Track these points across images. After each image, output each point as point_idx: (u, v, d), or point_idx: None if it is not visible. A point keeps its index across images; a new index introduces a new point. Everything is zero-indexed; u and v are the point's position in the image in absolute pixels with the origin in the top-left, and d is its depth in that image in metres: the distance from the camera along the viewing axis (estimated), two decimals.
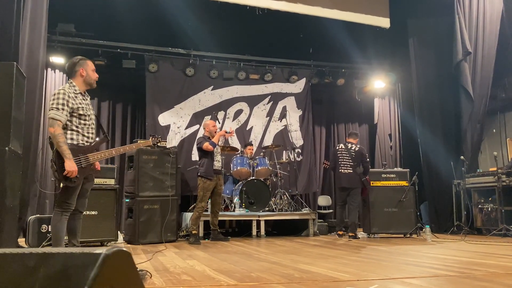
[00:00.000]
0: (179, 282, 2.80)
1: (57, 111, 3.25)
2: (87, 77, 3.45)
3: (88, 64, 3.49)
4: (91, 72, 3.48)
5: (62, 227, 3.36)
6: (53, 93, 3.37)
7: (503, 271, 3.12)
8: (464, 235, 6.35)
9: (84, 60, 3.49)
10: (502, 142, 9.11)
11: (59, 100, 3.27)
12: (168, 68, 8.61)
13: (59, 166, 3.21)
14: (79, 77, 3.43)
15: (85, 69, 3.44)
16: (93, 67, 3.52)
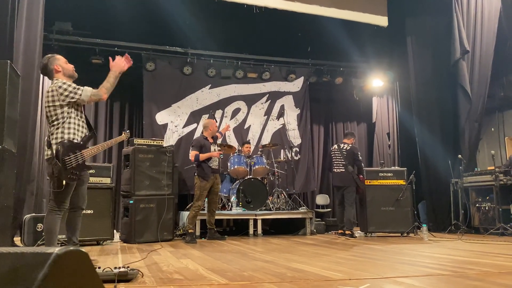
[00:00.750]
0: (170, 281, 2.79)
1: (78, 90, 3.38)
2: (64, 70, 3.50)
3: (59, 58, 3.52)
4: (65, 65, 3.52)
5: (57, 226, 3.38)
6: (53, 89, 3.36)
7: (496, 270, 3.11)
8: (461, 234, 6.33)
9: (53, 56, 3.53)
10: (501, 141, 9.09)
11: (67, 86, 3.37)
12: (165, 66, 8.60)
13: (64, 162, 3.23)
14: (56, 73, 3.47)
15: (58, 64, 3.48)
16: (64, 59, 3.56)
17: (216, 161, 6.32)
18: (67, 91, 3.36)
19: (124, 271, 2.75)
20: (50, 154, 3.35)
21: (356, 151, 6.93)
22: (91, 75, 8.49)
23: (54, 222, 3.36)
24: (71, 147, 3.31)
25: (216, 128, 6.36)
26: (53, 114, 3.39)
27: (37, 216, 5.60)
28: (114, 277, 2.67)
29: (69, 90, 3.36)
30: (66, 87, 3.36)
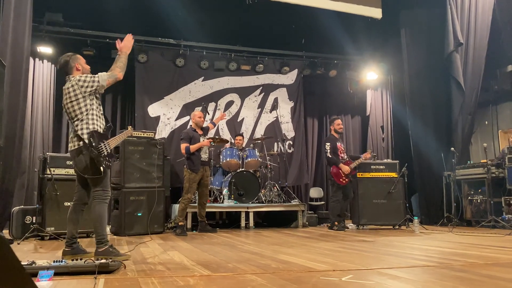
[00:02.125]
0: (152, 273, 2.76)
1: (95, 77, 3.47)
2: (83, 70, 3.62)
3: (80, 57, 3.68)
4: (84, 65, 3.66)
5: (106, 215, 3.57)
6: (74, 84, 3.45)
7: (482, 262, 3.09)
8: (452, 227, 6.33)
9: (75, 55, 3.66)
10: (494, 134, 9.08)
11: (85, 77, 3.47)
12: (157, 58, 8.53)
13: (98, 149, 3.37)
14: (76, 71, 3.58)
15: (79, 63, 3.62)
16: (84, 60, 3.70)
17: (206, 153, 6.29)
18: (86, 81, 3.46)
19: (105, 262, 2.72)
20: (79, 144, 3.42)
21: (323, 145, 6.95)
22: None
23: (105, 212, 3.54)
24: (100, 137, 3.45)
25: (199, 119, 6.26)
26: (76, 109, 3.45)
27: (26, 209, 5.57)
28: (95, 268, 2.64)
29: (88, 81, 3.46)
30: (84, 79, 3.47)
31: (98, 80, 3.48)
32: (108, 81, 3.51)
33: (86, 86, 3.45)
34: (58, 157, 5.63)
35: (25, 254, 3.87)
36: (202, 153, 6.17)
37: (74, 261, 2.75)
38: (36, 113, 7.72)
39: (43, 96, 7.85)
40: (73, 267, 2.67)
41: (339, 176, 6.55)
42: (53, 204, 5.32)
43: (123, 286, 2.31)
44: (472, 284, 2.26)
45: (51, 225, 5.26)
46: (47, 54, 7.92)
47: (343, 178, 6.55)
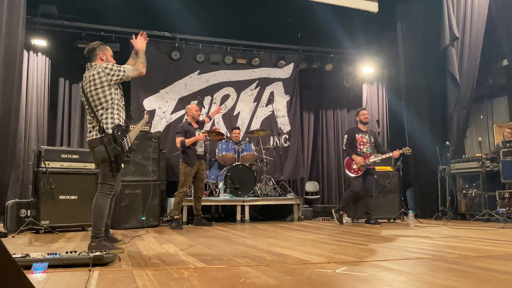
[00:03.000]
0: (146, 266, 2.76)
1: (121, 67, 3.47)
2: (106, 61, 3.60)
3: (108, 49, 3.67)
4: (110, 57, 3.65)
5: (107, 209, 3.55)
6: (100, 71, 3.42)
7: (475, 254, 3.11)
8: (446, 220, 6.37)
9: (103, 45, 3.66)
10: (489, 128, 9.12)
11: (114, 65, 3.47)
12: (153, 51, 8.47)
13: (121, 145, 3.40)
14: (99, 60, 3.58)
15: (104, 53, 3.61)
16: (111, 53, 3.70)
17: (201, 146, 6.27)
18: (113, 70, 3.45)
19: (99, 255, 2.71)
20: (98, 136, 3.39)
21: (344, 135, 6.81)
22: (77, 60, 8.37)
23: (107, 205, 3.49)
24: (122, 132, 3.44)
25: (196, 113, 6.24)
26: (101, 97, 3.41)
27: (21, 202, 5.54)
28: (89, 261, 2.64)
29: (114, 69, 3.46)
30: (111, 67, 3.47)
31: (124, 70, 3.49)
32: (134, 73, 3.53)
33: (112, 74, 3.43)
34: (53, 150, 5.60)
35: (20, 247, 3.86)
36: (198, 147, 6.16)
37: (68, 253, 2.74)
38: (31, 106, 7.67)
39: (37, 89, 7.80)
40: (67, 260, 2.67)
41: (350, 167, 6.38)
42: (48, 197, 5.30)
43: (117, 279, 2.31)
44: (465, 276, 2.28)
45: (46, 218, 5.24)
46: (41, 46, 7.86)
47: (355, 170, 6.33)
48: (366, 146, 6.45)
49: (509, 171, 6.40)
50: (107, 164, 3.42)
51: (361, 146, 6.44)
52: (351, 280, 2.23)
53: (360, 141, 6.45)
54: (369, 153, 6.41)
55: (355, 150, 6.40)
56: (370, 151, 6.43)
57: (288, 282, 2.18)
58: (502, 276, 2.28)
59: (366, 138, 6.49)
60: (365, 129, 6.55)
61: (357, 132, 6.50)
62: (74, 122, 8.36)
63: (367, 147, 6.44)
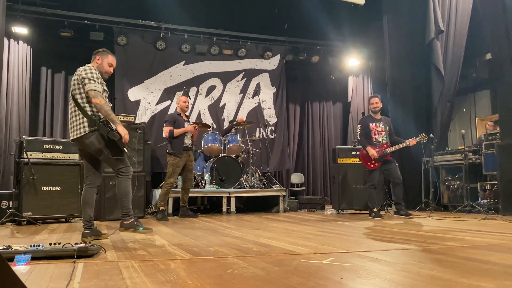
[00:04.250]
0: (132, 257, 2.73)
1: (94, 82, 3.47)
2: (99, 66, 3.68)
3: (108, 57, 3.74)
4: (105, 64, 3.71)
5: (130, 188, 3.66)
6: (80, 69, 3.54)
7: (459, 245, 3.16)
8: (430, 212, 6.46)
9: (106, 52, 3.77)
10: (472, 121, 9.26)
11: (92, 74, 3.50)
12: (138, 41, 8.36)
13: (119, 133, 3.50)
14: (95, 63, 3.69)
15: (101, 58, 3.70)
16: (111, 62, 3.76)
17: (189, 138, 6.21)
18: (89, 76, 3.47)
19: (84, 246, 2.67)
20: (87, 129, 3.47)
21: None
22: (60, 49, 8.25)
23: (130, 187, 3.62)
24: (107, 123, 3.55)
25: (183, 104, 6.20)
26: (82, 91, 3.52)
27: (2, 193, 5.45)
28: (74, 252, 2.60)
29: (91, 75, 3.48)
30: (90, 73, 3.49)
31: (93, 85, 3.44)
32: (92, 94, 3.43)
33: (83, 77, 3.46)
34: (35, 141, 5.49)
35: (1, 239, 3.79)
36: (186, 138, 6.09)
37: (52, 245, 2.69)
38: (12, 95, 7.50)
39: (18, 78, 7.62)
40: (51, 252, 2.62)
41: (366, 160, 6.06)
42: (30, 188, 5.20)
43: (102, 270, 2.28)
44: (450, 266, 2.31)
45: (28, 210, 5.15)
46: (22, 34, 7.67)
47: (372, 162, 6.01)
48: (382, 135, 6.10)
49: (491, 163, 6.52)
50: (106, 152, 3.48)
51: (375, 135, 6.09)
52: (338, 270, 2.24)
53: (375, 130, 6.11)
54: (385, 142, 6.07)
55: (370, 140, 6.04)
56: (386, 140, 6.10)
57: (275, 272, 2.17)
58: (485, 265, 2.32)
59: (380, 126, 6.13)
60: (379, 117, 6.19)
61: (371, 121, 6.16)
62: (57, 113, 8.21)
63: (382, 135, 6.09)
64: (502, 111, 6.36)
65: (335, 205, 7.05)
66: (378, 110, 6.19)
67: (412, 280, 1.98)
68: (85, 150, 3.61)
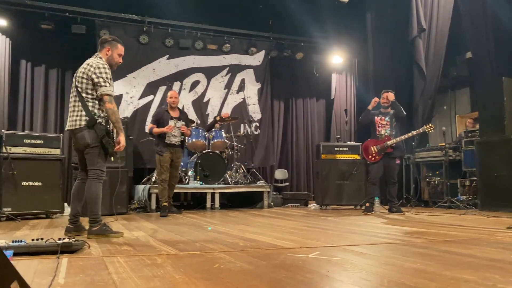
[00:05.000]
0: (117, 252, 2.70)
1: (110, 86, 3.44)
2: (110, 57, 3.60)
3: (118, 47, 3.66)
4: (116, 55, 3.65)
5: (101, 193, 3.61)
6: (92, 64, 3.45)
7: (440, 239, 3.23)
8: (411, 207, 6.57)
9: (116, 41, 3.67)
10: (452, 118, 9.44)
11: (107, 74, 3.45)
12: (120, 35, 8.13)
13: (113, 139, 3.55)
14: (104, 54, 3.60)
15: (111, 49, 3.61)
16: (121, 52, 3.69)
17: (176, 136, 5.92)
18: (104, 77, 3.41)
19: (68, 242, 2.63)
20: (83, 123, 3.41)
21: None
22: (41, 42, 8.07)
23: (100, 190, 3.55)
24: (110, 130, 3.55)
25: (169, 100, 5.99)
26: (90, 88, 3.45)
27: None
28: (57, 248, 2.56)
29: (106, 77, 3.43)
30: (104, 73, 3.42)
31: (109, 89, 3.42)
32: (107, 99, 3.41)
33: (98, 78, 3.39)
34: (15, 135, 5.38)
35: None
36: (171, 136, 5.88)
37: (34, 241, 2.65)
38: None
39: None
40: (33, 247, 2.57)
41: (367, 152, 6.05)
42: (9, 184, 5.09)
43: (88, 266, 2.25)
44: (433, 260, 2.35)
45: (7, 205, 5.04)
46: (1, 26, 7.50)
47: (373, 155, 5.99)
48: (385, 128, 6.04)
49: (470, 160, 6.67)
50: (92, 150, 3.45)
51: (379, 128, 6.05)
52: (324, 264, 2.26)
53: (379, 123, 6.06)
54: (388, 135, 6.00)
55: (374, 134, 6.06)
56: (389, 133, 6.02)
57: (263, 267, 2.18)
58: (467, 259, 2.38)
59: (386, 120, 6.07)
60: (387, 111, 6.11)
61: (377, 114, 6.12)
62: (37, 106, 8.05)
63: (386, 129, 6.03)
64: (481, 109, 6.50)
65: (318, 201, 7.11)
66: (387, 106, 6.13)
67: (396, 273, 2.02)
68: (77, 143, 3.55)
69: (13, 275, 0.94)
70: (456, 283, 1.79)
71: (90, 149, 3.46)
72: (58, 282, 1.88)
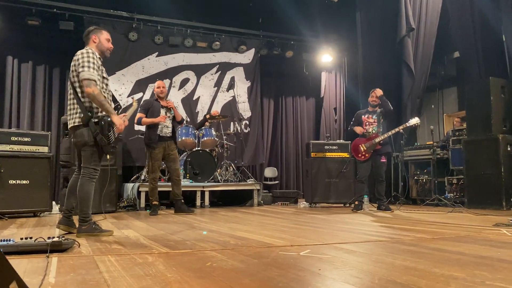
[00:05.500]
0: (108, 251, 2.69)
1: (89, 69, 3.30)
2: (99, 44, 3.54)
3: (103, 32, 3.60)
4: (104, 40, 3.58)
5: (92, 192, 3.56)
6: (77, 54, 3.39)
7: (429, 236, 3.27)
8: (399, 205, 6.64)
9: (98, 29, 3.62)
10: (440, 117, 9.54)
11: (89, 58, 3.34)
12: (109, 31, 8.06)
13: (108, 137, 3.40)
14: (92, 43, 3.52)
15: (97, 36, 3.54)
16: (108, 37, 3.63)
17: (168, 128, 5.70)
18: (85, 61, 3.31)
19: (57, 241, 2.60)
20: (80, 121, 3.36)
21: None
22: (28, 38, 7.96)
23: (92, 189, 3.51)
24: (110, 123, 3.38)
25: (157, 90, 5.71)
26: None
27: None
28: (47, 247, 2.53)
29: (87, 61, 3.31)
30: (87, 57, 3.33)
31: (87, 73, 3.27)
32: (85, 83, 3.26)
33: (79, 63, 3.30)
34: (1, 133, 5.31)
35: None
36: (163, 127, 5.63)
37: (23, 240, 2.62)
38: None
39: None
40: (22, 246, 2.54)
41: (356, 151, 6.09)
42: None
43: (78, 265, 2.23)
44: (422, 257, 2.38)
45: None
46: None
47: (362, 153, 6.01)
48: (373, 126, 6.07)
49: (457, 158, 6.75)
50: (89, 148, 3.40)
51: (366, 126, 6.10)
52: (316, 262, 2.28)
53: (366, 122, 6.11)
54: (375, 132, 6.03)
55: (362, 133, 6.09)
56: (377, 130, 6.04)
57: (255, 265, 2.19)
58: (455, 256, 2.41)
59: (373, 118, 6.10)
60: (375, 109, 6.14)
61: (364, 113, 6.19)
62: (24, 104, 7.94)
63: (373, 126, 6.06)
64: (469, 108, 6.59)
65: (308, 199, 7.14)
66: (375, 104, 6.14)
67: (387, 270, 2.04)
68: (76, 140, 3.51)
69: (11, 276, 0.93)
70: (445, 280, 1.82)
71: (87, 147, 3.42)
72: (49, 282, 1.86)
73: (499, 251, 2.56)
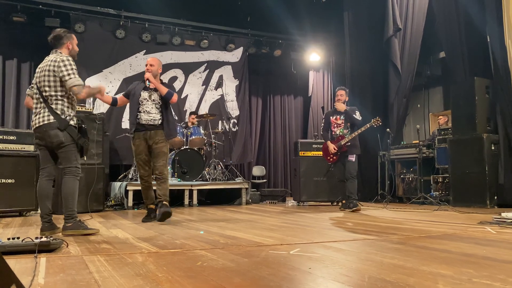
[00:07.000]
0: (97, 251, 2.67)
1: (75, 75, 3.40)
2: (72, 50, 3.62)
3: (74, 38, 3.67)
4: (75, 46, 3.66)
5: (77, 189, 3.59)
6: (57, 61, 3.41)
7: (416, 235, 3.32)
8: (386, 203, 6.72)
9: (70, 33, 3.65)
10: (425, 116, 9.66)
11: (72, 66, 3.42)
12: (96, 29, 8.07)
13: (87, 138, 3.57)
14: (65, 49, 3.57)
15: (71, 42, 3.60)
16: (76, 41, 3.70)
17: (150, 114, 4.44)
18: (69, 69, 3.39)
19: (46, 241, 2.58)
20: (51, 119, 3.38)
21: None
22: (13, 35, 7.83)
23: (76, 187, 3.55)
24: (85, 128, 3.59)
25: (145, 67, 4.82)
26: (58, 85, 3.42)
27: None
28: (35, 247, 2.50)
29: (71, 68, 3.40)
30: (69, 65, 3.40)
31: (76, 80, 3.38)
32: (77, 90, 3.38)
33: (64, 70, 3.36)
34: None
35: None
36: (144, 113, 4.44)
37: (10, 240, 2.59)
38: None
39: None
40: (10, 247, 2.51)
41: (326, 154, 6.09)
42: None
43: (67, 265, 2.22)
44: (410, 255, 2.42)
45: None
46: None
47: (330, 156, 6.02)
48: (340, 128, 6.03)
49: (443, 157, 6.85)
50: (68, 148, 3.42)
51: (334, 128, 6.05)
52: (306, 261, 2.30)
53: (334, 124, 6.07)
54: (341, 134, 5.99)
55: (331, 135, 6.06)
56: (344, 132, 6.00)
57: (245, 264, 2.20)
58: (442, 254, 2.46)
59: (341, 119, 6.05)
60: (343, 109, 6.02)
61: (332, 114, 6.12)
62: (9, 101, 7.80)
63: (340, 128, 6.03)
64: (454, 107, 6.68)
65: (296, 197, 7.18)
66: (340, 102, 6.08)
67: (376, 268, 2.07)
68: (45, 140, 3.44)
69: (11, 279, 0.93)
70: (433, 278, 1.85)
71: (65, 147, 3.42)
72: (38, 282, 1.84)
73: (484, 249, 2.62)
